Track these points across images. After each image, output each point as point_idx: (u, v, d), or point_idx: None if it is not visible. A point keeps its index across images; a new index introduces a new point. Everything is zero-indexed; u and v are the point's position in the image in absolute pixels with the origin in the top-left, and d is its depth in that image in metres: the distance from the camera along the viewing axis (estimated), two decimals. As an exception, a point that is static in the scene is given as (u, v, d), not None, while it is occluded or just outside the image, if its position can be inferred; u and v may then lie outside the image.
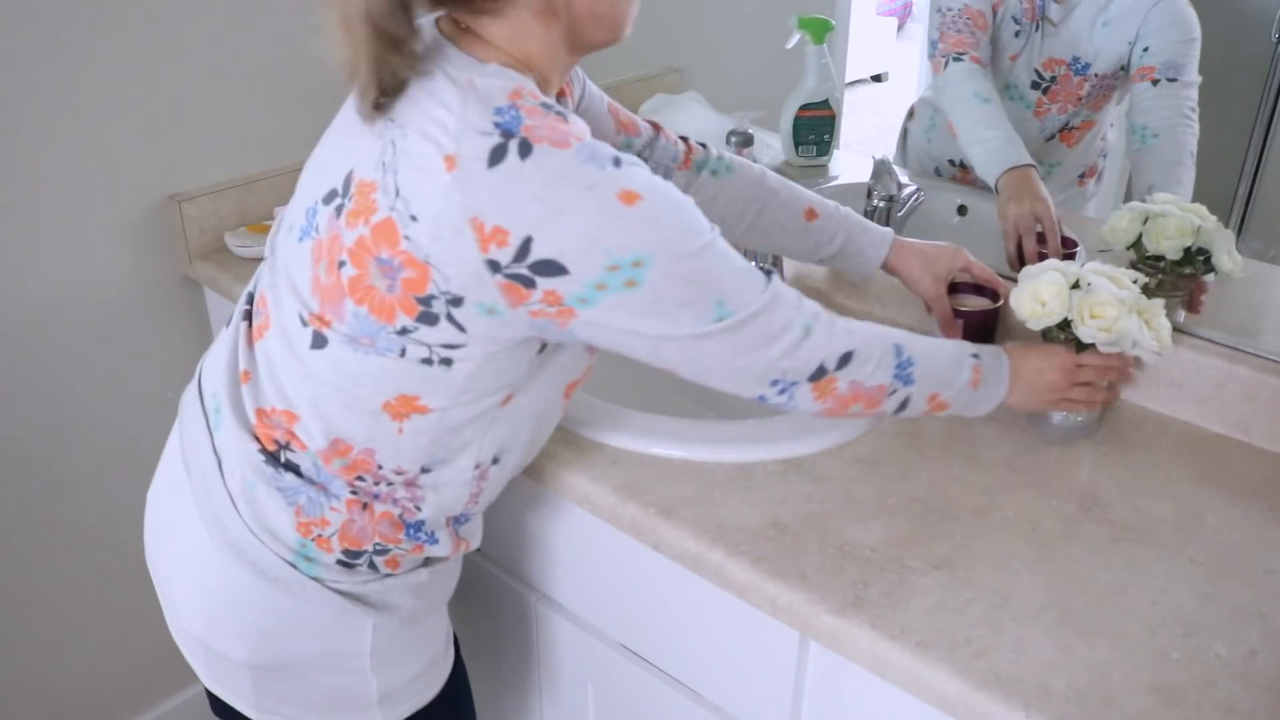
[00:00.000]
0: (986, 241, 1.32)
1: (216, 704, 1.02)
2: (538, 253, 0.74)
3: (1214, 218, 1.14)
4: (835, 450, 1.08)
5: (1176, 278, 1.15)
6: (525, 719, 1.34)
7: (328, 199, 0.83)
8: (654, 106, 1.67)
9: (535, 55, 0.82)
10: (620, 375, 1.36)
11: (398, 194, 0.76)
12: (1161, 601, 0.89)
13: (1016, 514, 0.99)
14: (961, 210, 1.43)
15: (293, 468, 0.88)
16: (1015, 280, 1.11)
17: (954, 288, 1.22)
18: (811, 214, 1.15)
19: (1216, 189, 1.17)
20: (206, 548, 0.90)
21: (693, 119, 1.63)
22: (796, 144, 1.55)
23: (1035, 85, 1.27)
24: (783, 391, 0.87)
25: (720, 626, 1.00)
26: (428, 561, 0.96)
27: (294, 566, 0.89)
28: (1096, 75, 1.24)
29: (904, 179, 1.35)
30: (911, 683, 0.83)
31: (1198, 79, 1.17)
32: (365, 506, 0.89)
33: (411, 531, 0.92)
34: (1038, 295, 1.06)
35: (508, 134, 0.74)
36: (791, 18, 1.50)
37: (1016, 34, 1.28)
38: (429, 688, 1.03)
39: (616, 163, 0.76)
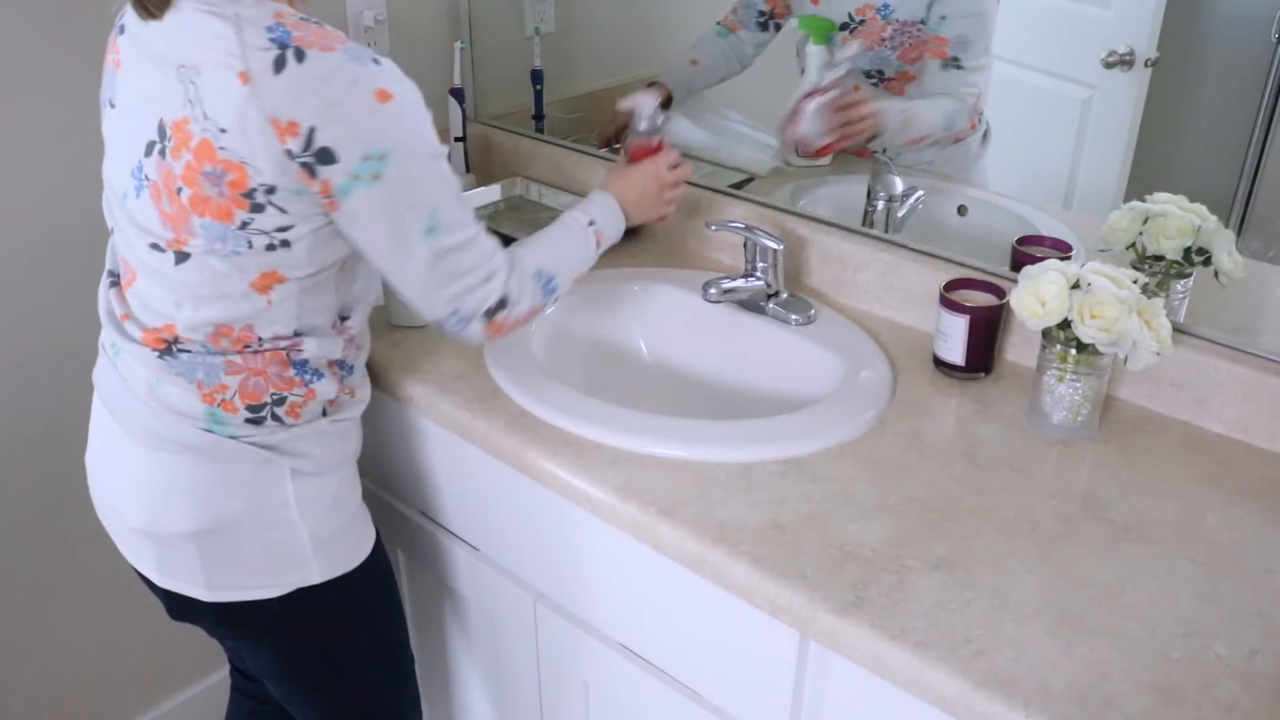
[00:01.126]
0: (987, 241, 1.33)
1: (173, 606, 1.12)
2: (319, 140, 0.90)
3: (1214, 218, 1.14)
4: (835, 450, 1.08)
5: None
6: (525, 719, 1.34)
7: (148, 151, 0.97)
8: None
9: None
10: (621, 375, 1.37)
11: (205, 116, 0.91)
12: (1161, 601, 0.89)
13: (1016, 514, 0.99)
14: (961, 210, 1.43)
15: (185, 351, 1.02)
16: (1015, 281, 1.11)
17: (955, 285, 1.22)
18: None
19: (1216, 189, 1.17)
20: (138, 453, 1.05)
21: (687, 133, 1.64)
22: None
23: (844, 26, 1.41)
24: (460, 320, 1.04)
25: (720, 626, 1.00)
26: (325, 413, 1.08)
27: (210, 432, 1.02)
28: (898, 20, 1.36)
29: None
30: (911, 683, 0.83)
31: (983, 62, 1.28)
32: (256, 353, 1.02)
33: (298, 370, 1.05)
34: (1038, 295, 1.06)
35: (283, 45, 0.90)
36: (792, 19, 1.51)
37: None
38: (356, 548, 1.14)
39: (376, 61, 0.92)
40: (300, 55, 0.89)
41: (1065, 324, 1.06)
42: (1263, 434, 1.10)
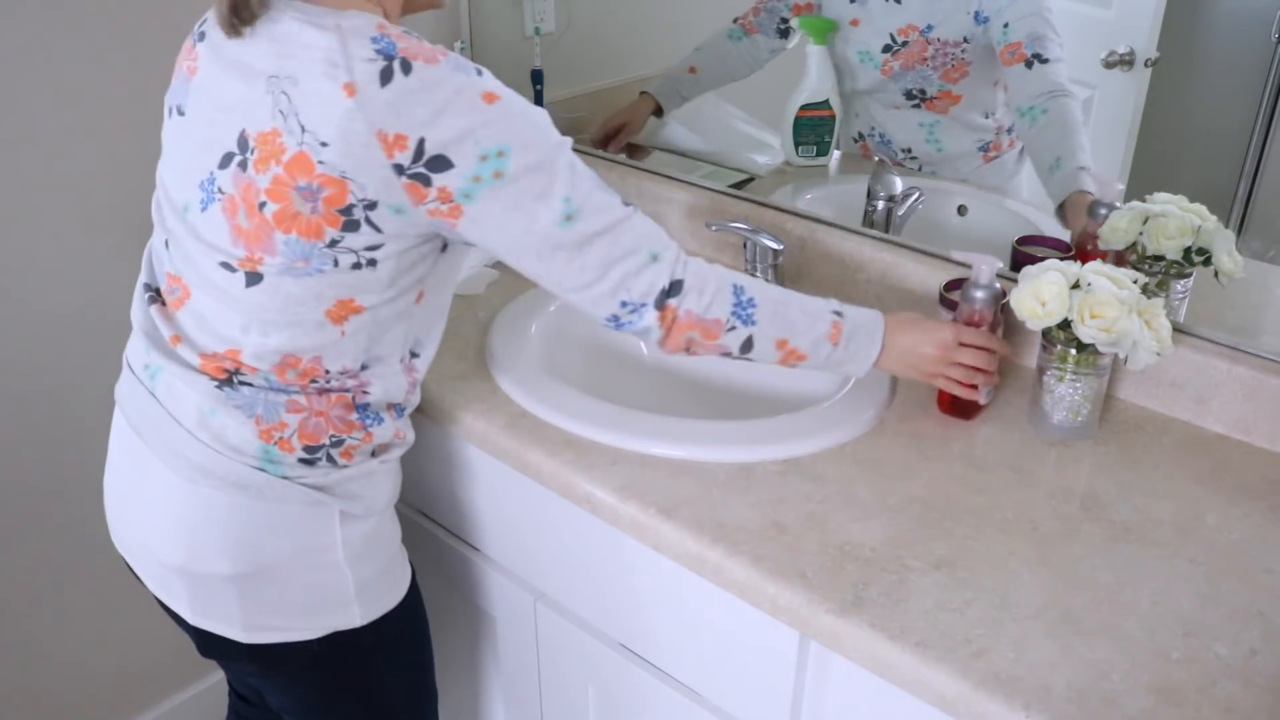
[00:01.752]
0: (987, 241, 1.32)
1: (204, 644, 1.07)
2: (429, 150, 0.88)
3: (1214, 218, 1.14)
4: (835, 450, 1.08)
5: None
6: (525, 719, 1.34)
7: (224, 163, 0.93)
8: (649, 129, 1.68)
9: (383, 6, 0.97)
10: (621, 375, 1.36)
11: (304, 130, 0.88)
12: (1161, 601, 0.89)
13: (1016, 514, 0.99)
14: (961, 210, 1.43)
15: (246, 383, 0.97)
16: (1015, 281, 1.11)
17: (955, 285, 1.22)
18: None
19: (1216, 189, 1.17)
20: (174, 485, 0.99)
21: (684, 141, 1.64)
22: (796, 144, 1.55)
23: (887, 49, 1.39)
24: (633, 311, 0.96)
25: (720, 626, 1.00)
26: (374, 452, 1.04)
27: (262, 470, 0.97)
28: (939, 40, 1.34)
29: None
30: (911, 683, 0.83)
31: (1062, 55, 1.25)
32: (321, 392, 0.99)
33: (360, 412, 1.01)
34: (1038, 295, 1.06)
35: (389, 57, 0.87)
36: (794, 18, 1.50)
37: (852, 1, 1.42)
38: (396, 587, 1.10)
39: (479, 72, 0.90)
40: (407, 67, 0.87)
41: (1065, 324, 1.06)
42: (1263, 434, 1.10)
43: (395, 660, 1.13)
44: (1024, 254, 1.27)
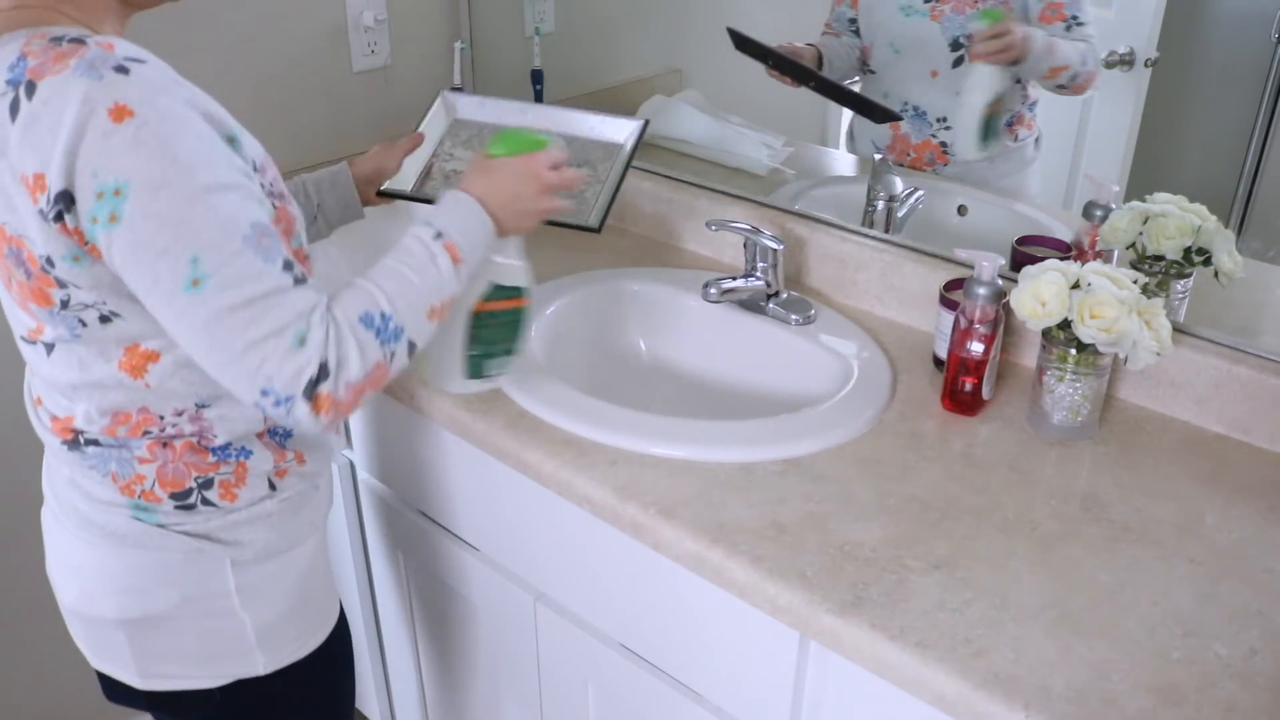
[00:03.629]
0: (987, 241, 1.32)
1: (108, 688, 1.05)
2: (54, 185, 0.73)
3: (1214, 218, 1.14)
4: (835, 450, 1.08)
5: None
6: (525, 719, 1.34)
7: None
8: (652, 108, 1.67)
9: (69, 11, 0.81)
10: (621, 375, 1.37)
11: None
12: (1161, 601, 0.89)
13: (1016, 514, 0.99)
14: (961, 210, 1.43)
15: (92, 442, 0.91)
16: (1015, 281, 1.11)
17: (955, 285, 1.22)
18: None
19: (1216, 189, 1.17)
20: (68, 533, 0.96)
21: (690, 121, 1.64)
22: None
23: None
24: (278, 404, 0.80)
25: (720, 626, 1.00)
26: (272, 488, 0.96)
27: (138, 520, 0.92)
28: None
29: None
30: (911, 683, 0.83)
31: (1093, 17, 1.27)
32: (165, 445, 0.91)
33: (219, 454, 0.92)
34: (1038, 295, 1.06)
35: (16, 84, 0.74)
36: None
37: None
38: (311, 632, 1.04)
39: (121, 69, 0.73)
40: (31, 89, 0.73)
41: (1065, 324, 1.06)
42: (1263, 434, 1.10)
43: (308, 709, 1.08)
44: (1024, 254, 1.27)
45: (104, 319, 0.82)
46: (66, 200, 0.74)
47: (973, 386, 1.14)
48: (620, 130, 1.31)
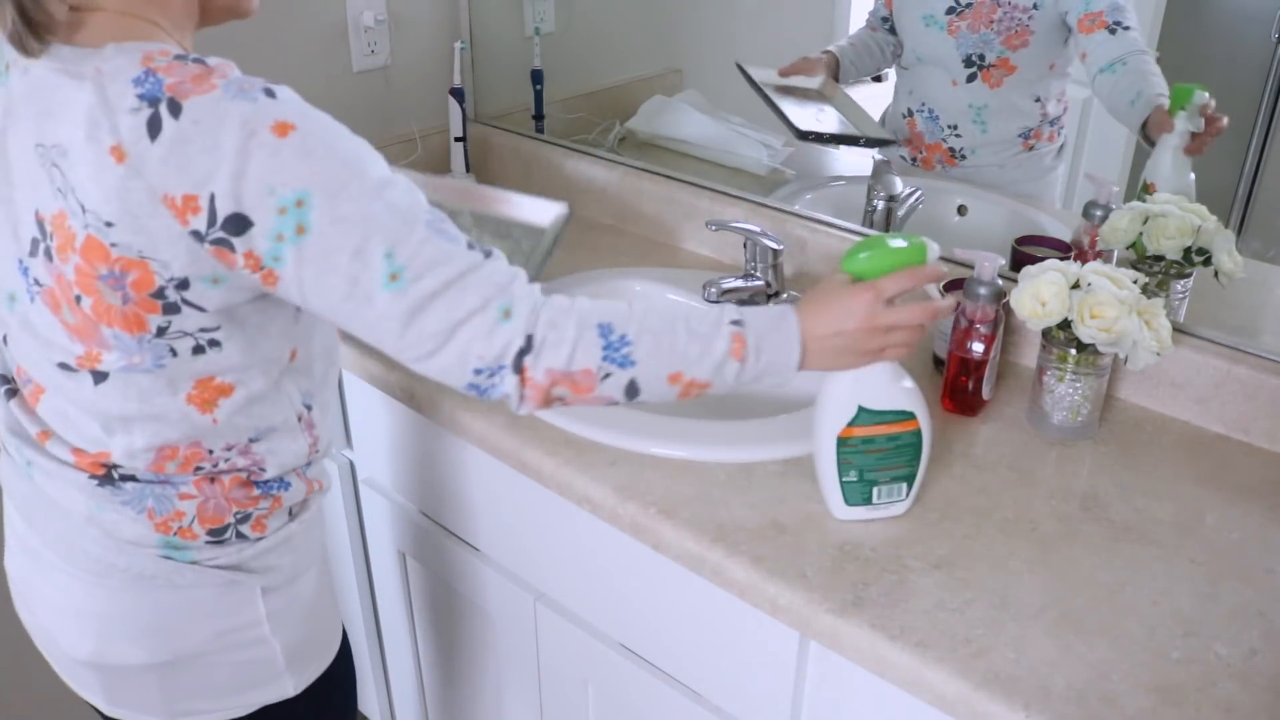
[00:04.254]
0: (987, 241, 1.32)
1: None
2: (221, 208, 0.73)
3: (1214, 218, 1.14)
4: (835, 450, 1.08)
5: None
6: (525, 719, 1.34)
7: (33, 251, 0.79)
8: (653, 108, 1.68)
9: (162, 23, 0.80)
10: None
11: (84, 210, 0.74)
12: (1161, 601, 0.89)
13: (1016, 514, 0.99)
14: (961, 210, 1.43)
15: (129, 478, 0.87)
16: (1015, 281, 1.11)
17: (954, 285, 1.22)
18: None
19: (1216, 189, 1.17)
20: (75, 580, 0.90)
21: (690, 122, 1.64)
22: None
23: (950, 10, 1.38)
24: (491, 377, 0.81)
25: (720, 626, 1.00)
26: (291, 514, 0.96)
27: (168, 559, 0.89)
28: (1009, 1, 1.33)
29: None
30: (911, 683, 0.83)
31: (1138, 25, 1.26)
32: (213, 480, 0.89)
33: (263, 487, 0.92)
34: (1038, 295, 1.06)
35: (154, 101, 0.72)
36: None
37: None
38: (328, 644, 1.04)
39: (269, 93, 0.74)
40: (175, 108, 0.71)
41: (1065, 324, 1.06)
42: (1263, 434, 1.10)
43: (325, 717, 1.07)
44: (1024, 254, 1.27)
45: (197, 349, 0.81)
46: (239, 223, 0.73)
47: (973, 386, 1.14)
48: (544, 213, 1.28)
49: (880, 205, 1.39)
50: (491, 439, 1.13)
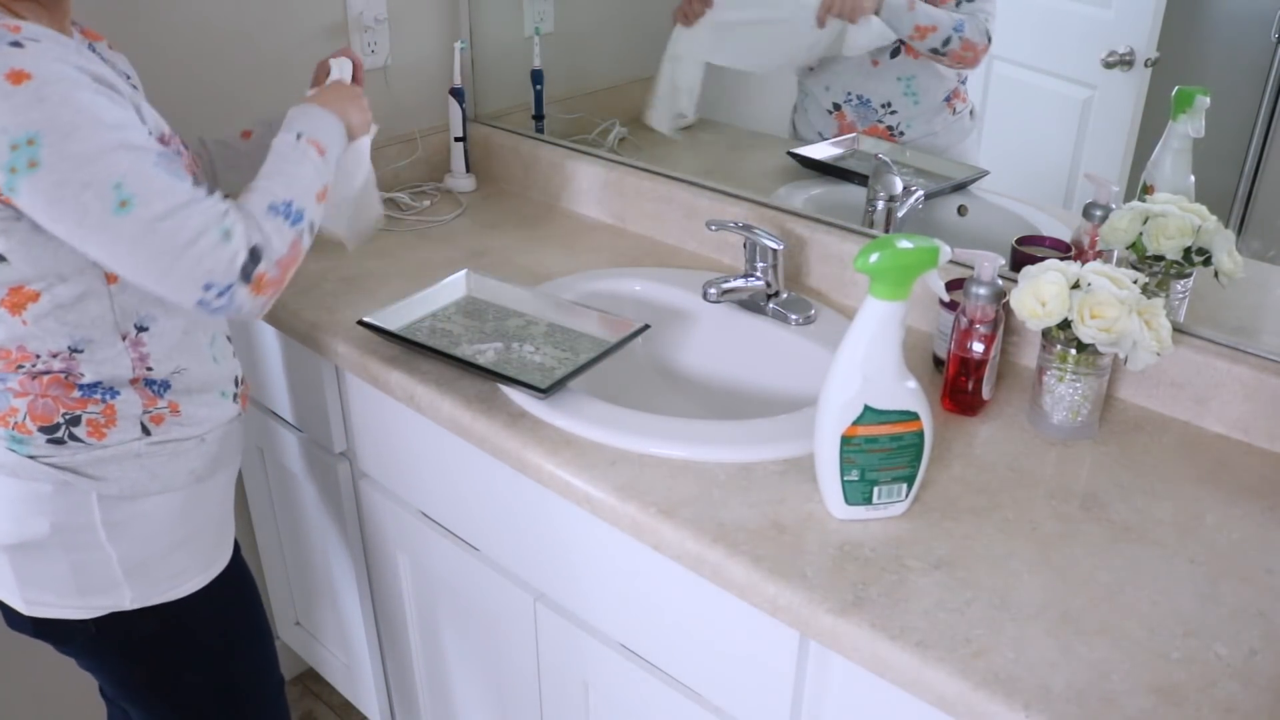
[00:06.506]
0: (987, 241, 1.32)
1: (5, 614, 1.11)
2: None
3: (1214, 218, 1.14)
4: (835, 450, 1.08)
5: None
6: (525, 719, 1.34)
7: None
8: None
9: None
10: (620, 375, 1.36)
11: None
12: (1161, 601, 0.89)
13: (1016, 514, 0.99)
14: (961, 210, 1.43)
15: None
16: (1015, 281, 1.11)
17: (955, 285, 1.22)
18: (246, 134, 1.29)
19: (1216, 189, 1.17)
20: None
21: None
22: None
23: None
24: (221, 294, 0.93)
25: (720, 626, 1.00)
26: (146, 432, 1.04)
27: (13, 451, 1.01)
28: None
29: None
30: (911, 683, 0.83)
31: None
32: (34, 378, 1.00)
33: (85, 390, 1.01)
34: (1038, 295, 1.06)
35: None
36: None
37: None
38: (182, 576, 1.10)
39: (17, 44, 0.87)
40: None
41: (1065, 324, 1.06)
42: (1263, 434, 1.10)
43: (192, 656, 1.13)
44: (1024, 254, 1.27)
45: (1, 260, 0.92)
46: None
47: (973, 386, 1.14)
48: (615, 330, 1.26)
49: (880, 205, 1.39)
50: (492, 439, 1.13)
